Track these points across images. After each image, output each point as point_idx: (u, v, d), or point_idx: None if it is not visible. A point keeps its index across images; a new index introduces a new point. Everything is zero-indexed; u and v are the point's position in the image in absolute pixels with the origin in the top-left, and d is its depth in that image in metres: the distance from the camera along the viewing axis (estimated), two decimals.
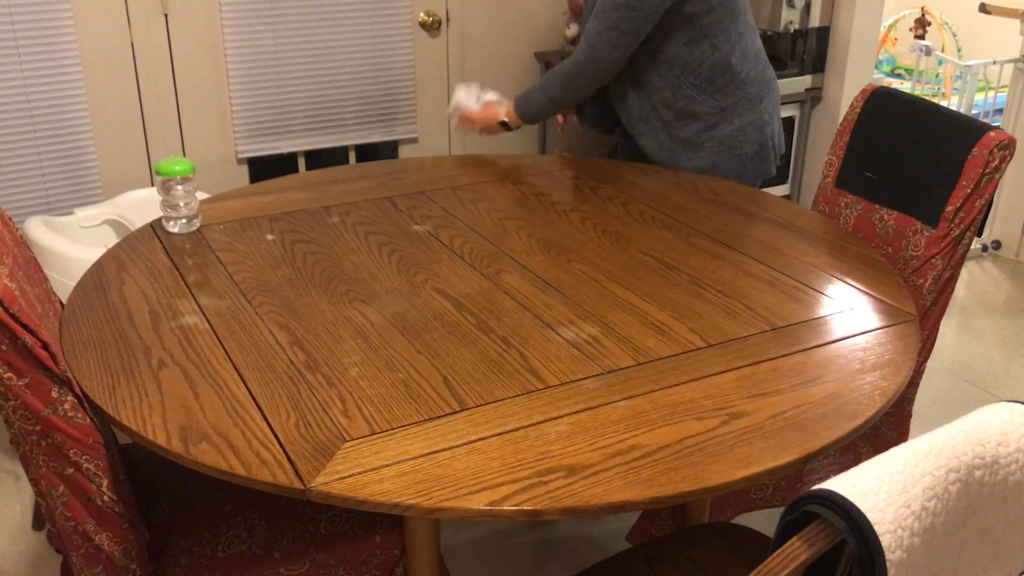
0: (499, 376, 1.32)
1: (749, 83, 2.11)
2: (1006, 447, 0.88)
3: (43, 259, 2.31)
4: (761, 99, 2.14)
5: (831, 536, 0.80)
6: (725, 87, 2.10)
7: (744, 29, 2.10)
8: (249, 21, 2.76)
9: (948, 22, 5.04)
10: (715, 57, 2.06)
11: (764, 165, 2.19)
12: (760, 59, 2.15)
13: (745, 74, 2.10)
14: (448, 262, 1.68)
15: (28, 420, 1.20)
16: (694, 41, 2.05)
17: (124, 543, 1.31)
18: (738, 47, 2.08)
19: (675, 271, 1.66)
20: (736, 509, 1.83)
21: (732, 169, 2.17)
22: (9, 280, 1.20)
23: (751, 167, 2.18)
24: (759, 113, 2.14)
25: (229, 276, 1.63)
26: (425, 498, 1.07)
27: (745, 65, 2.10)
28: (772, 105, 2.18)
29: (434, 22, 3.02)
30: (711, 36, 2.05)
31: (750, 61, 2.11)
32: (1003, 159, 1.67)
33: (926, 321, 1.75)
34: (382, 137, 3.09)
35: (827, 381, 1.31)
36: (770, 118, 2.17)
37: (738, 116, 2.12)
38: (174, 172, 1.77)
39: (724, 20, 2.05)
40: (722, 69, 2.08)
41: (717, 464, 1.14)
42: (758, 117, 2.14)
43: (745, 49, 2.10)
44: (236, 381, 1.30)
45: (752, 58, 2.12)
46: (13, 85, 2.52)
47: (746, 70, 2.10)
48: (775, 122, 2.20)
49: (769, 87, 2.16)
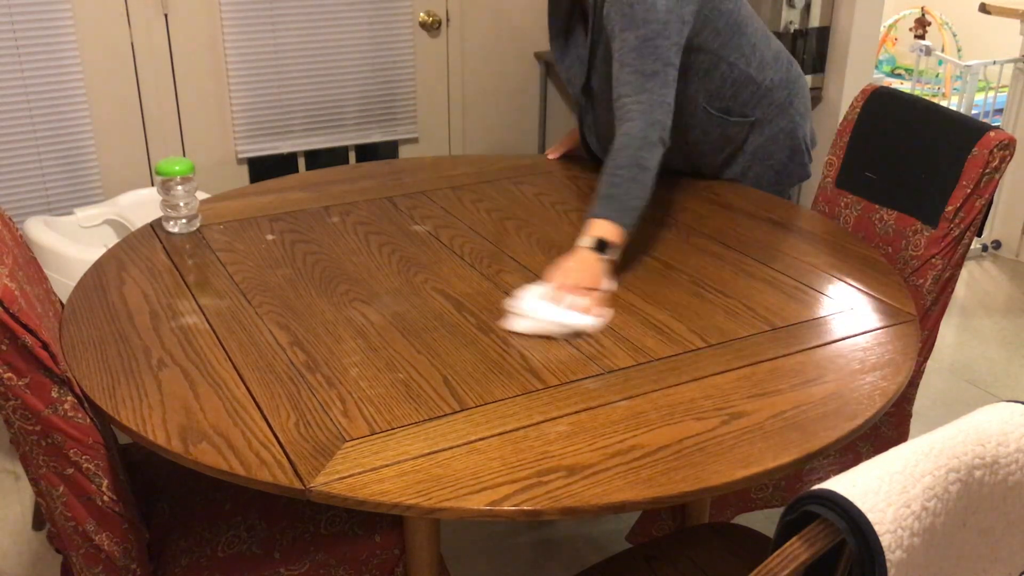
0: (499, 376, 1.32)
1: (775, 89, 2.05)
2: (1006, 447, 0.88)
3: (43, 259, 2.31)
4: (791, 101, 2.07)
5: (831, 536, 0.80)
6: (751, 99, 2.03)
7: (756, 39, 2.02)
8: (249, 21, 2.76)
9: (948, 22, 5.04)
10: (734, 75, 1.99)
11: (799, 169, 2.12)
12: (781, 61, 2.07)
13: (769, 81, 2.03)
14: (448, 262, 1.68)
15: (28, 420, 1.20)
16: (712, 68, 1.98)
17: (124, 543, 1.31)
18: (754, 58, 2.00)
19: (675, 271, 1.66)
20: (736, 509, 1.83)
21: (764, 178, 2.11)
22: (9, 280, 1.20)
23: (784, 173, 2.11)
24: (789, 117, 2.07)
25: (229, 276, 1.63)
26: (425, 498, 1.07)
27: (766, 73, 2.03)
28: (803, 104, 2.11)
29: (434, 22, 3.02)
30: (725, 57, 1.96)
31: (770, 67, 2.04)
32: (1003, 159, 1.67)
33: (926, 321, 1.75)
34: (382, 137, 3.09)
35: (827, 381, 1.31)
36: (801, 119, 2.10)
37: (768, 125, 2.06)
38: (174, 172, 1.77)
39: (733, 36, 1.98)
40: (744, 83, 2.01)
41: (717, 464, 1.14)
42: (788, 122, 2.07)
43: (762, 58, 2.02)
44: (236, 381, 1.30)
45: (772, 63, 2.05)
46: (13, 85, 2.52)
47: (769, 77, 2.03)
48: (807, 121, 2.13)
49: (796, 85, 2.09)
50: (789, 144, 2.10)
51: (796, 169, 2.13)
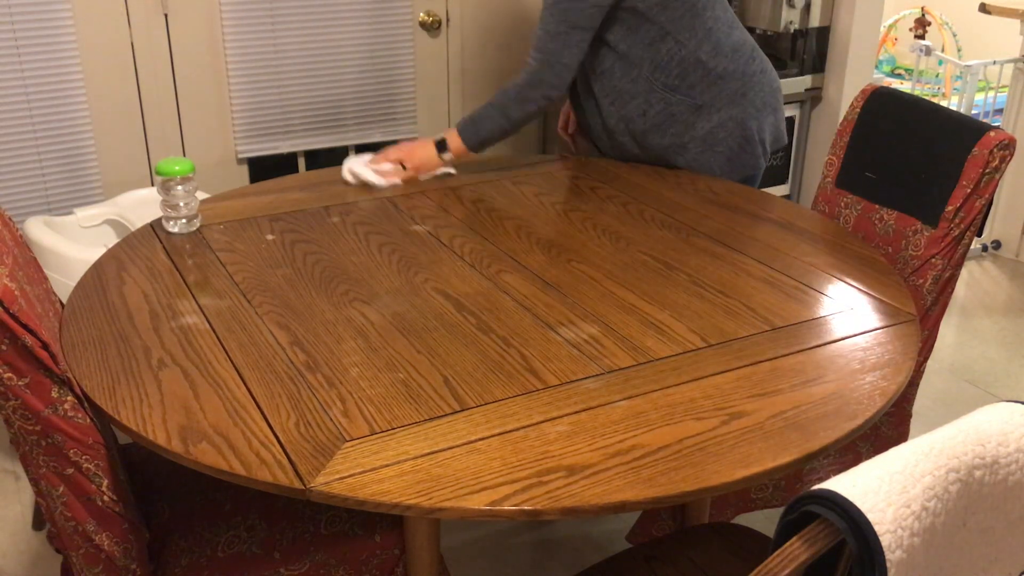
0: (499, 376, 1.32)
1: (727, 78, 2.09)
2: (1006, 447, 0.88)
3: (43, 259, 2.31)
4: (744, 93, 2.11)
5: (831, 536, 0.80)
6: (699, 83, 2.08)
7: (713, 24, 2.06)
8: (249, 21, 2.76)
9: (948, 22, 5.04)
10: (683, 54, 2.04)
11: (751, 159, 2.17)
12: (741, 54, 2.11)
13: (722, 69, 2.08)
14: (448, 262, 1.68)
15: (28, 420, 1.20)
16: (658, 40, 2.03)
17: (124, 543, 1.31)
18: (707, 43, 2.05)
19: (675, 271, 1.66)
20: (736, 509, 1.83)
21: (717, 164, 2.15)
22: (9, 280, 1.20)
23: (737, 162, 2.16)
24: (742, 108, 2.11)
25: (229, 276, 1.63)
26: (425, 498, 1.07)
27: (720, 60, 2.07)
28: (760, 99, 2.14)
29: (434, 22, 3.02)
30: (674, 33, 2.03)
31: (726, 56, 2.08)
32: (1003, 159, 1.67)
33: (926, 321, 1.75)
34: (382, 137, 3.09)
35: (827, 381, 1.31)
36: (758, 113, 2.13)
37: (716, 112, 2.10)
38: (174, 172, 1.77)
39: (684, 16, 2.03)
40: (693, 65, 2.06)
41: (717, 464, 1.14)
42: (740, 111, 2.11)
43: (717, 44, 2.07)
44: (236, 381, 1.30)
45: (729, 53, 2.09)
46: (13, 85, 2.52)
47: (722, 65, 2.08)
48: (765, 116, 2.16)
49: (754, 80, 2.13)
50: (740, 134, 2.13)
51: (748, 159, 2.17)
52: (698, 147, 2.13)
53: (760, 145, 2.16)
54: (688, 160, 2.15)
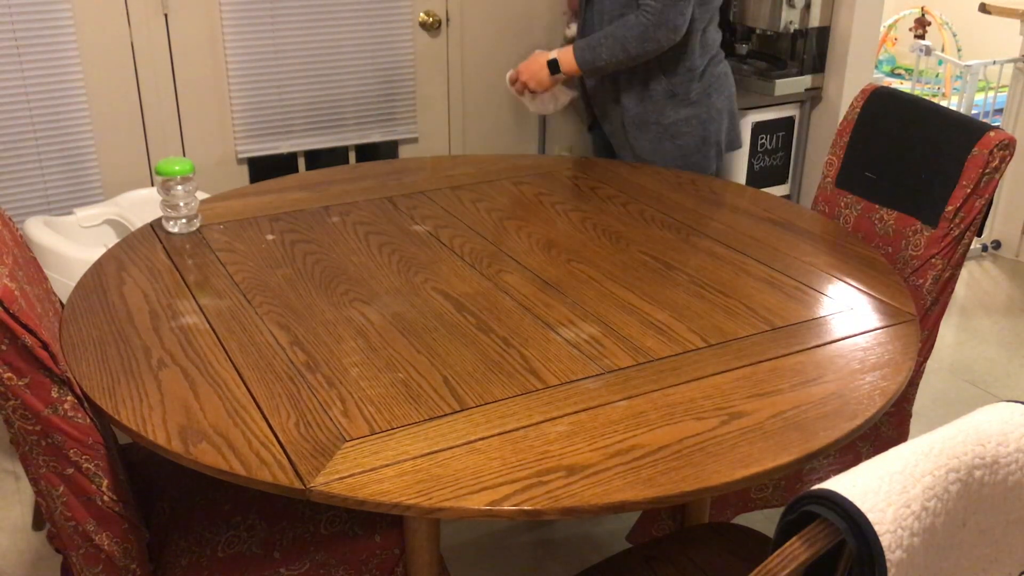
0: (499, 376, 1.32)
1: (700, 76, 2.17)
2: (1006, 447, 0.88)
3: (43, 259, 2.31)
4: (709, 94, 2.19)
5: (831, 536, 0.80)
6: (678, 74, 2.16)
7: (707, 26, 2.16)
8: (249, 21, 2.76)
9: (948, 22, 5.04)
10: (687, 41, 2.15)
11: (704, 161, 2.23)
12: (717, 57, 2.21)
13: (699, 67, 2.16)
14: (448, 262, 1.68)
15: (28, 420, 1.20)
16: None
17: (124, 543, 1.31)
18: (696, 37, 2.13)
19: (675, 271, 1.66)
20: (736, 509, 1.83)
21: (672, 157, 2.21)
22: (9, 280, 1.20)
23: (691, 160, 2.22)
24: (706, 107, 2.19)
25: (229, 276, 1.63)
26: (425, 498, 1.07)
27: (700, 58, 2.16)
28: (722, 101, 2.22)
29: (434, 22, 3.02)
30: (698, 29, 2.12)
31: (706, 55, 2.17)
32: (1003, 159, 1.67)
33: (926, 321, 1.75)
34: (382, 137, 3.09)
35: (827, 381, 1.31)
36: (718, 114, 2.21)
37: (685, 107, 2.17)
38: (174, 172, 1.77)
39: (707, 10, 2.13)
40: (681, 54, 2.14)
41: (717, 464, 1.14)
42: (704, 111, 2.19)
43: (706, 42, 2.15)
44: (236, 381, 1.30)
45: (708, 52, 2.18)
46: (13, 85, 2.52)
47: (701, 63, 2.16)
48: (723, 118, 2.24)
49: (720, 83, 2.21)
50: (700, 133, 2.21)
51: (700, 160, 2.24)
52: (658, 132, 2.20)
53: (715, 147, 2.25)
54: (644, 142, 2.22)
